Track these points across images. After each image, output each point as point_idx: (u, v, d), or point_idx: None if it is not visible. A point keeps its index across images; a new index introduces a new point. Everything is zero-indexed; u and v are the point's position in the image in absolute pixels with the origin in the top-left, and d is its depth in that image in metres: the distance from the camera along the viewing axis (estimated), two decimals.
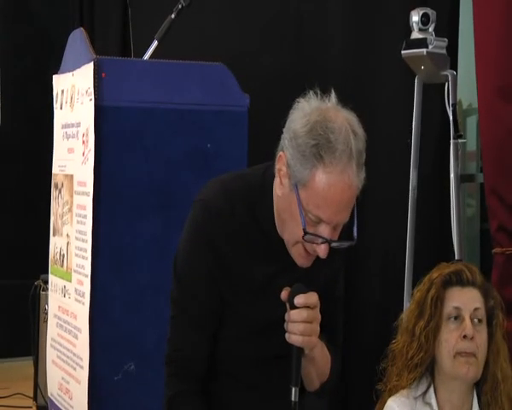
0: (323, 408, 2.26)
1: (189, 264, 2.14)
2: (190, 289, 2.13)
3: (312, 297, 2.02)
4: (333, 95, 2.00)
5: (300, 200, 1.94)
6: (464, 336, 2.17)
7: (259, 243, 2.08)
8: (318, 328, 2.04)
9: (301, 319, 2.00)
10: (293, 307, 2.02)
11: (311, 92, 2.01)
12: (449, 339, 2.20)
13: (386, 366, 2.36)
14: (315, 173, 1.92)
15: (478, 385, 2.26)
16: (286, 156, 1.98)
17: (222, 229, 2.07)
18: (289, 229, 2.02)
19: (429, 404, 2.22)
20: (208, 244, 2.08)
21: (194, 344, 2.13)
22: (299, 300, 2.00)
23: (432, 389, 2.24)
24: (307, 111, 1.98)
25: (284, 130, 2.02)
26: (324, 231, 1.95)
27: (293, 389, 2.02)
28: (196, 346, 2.13)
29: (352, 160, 1.92)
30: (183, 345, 2.15)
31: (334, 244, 1.98)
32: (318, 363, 2.12)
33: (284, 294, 2.05)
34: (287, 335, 2.02)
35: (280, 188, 2.02)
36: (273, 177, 2.07)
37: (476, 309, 2.22)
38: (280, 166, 2.01)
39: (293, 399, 2.02)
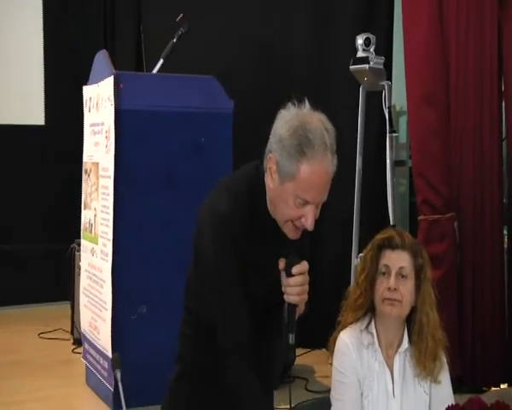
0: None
1: (222, 260, 1.94)
2: (230, 279, 1.94)
3: (304, 265, 1.93)
4: (306, 102, 1.94)
5: (290, 189, 1.88)
6: (389, 288, 2.16)
7: (258, 228, 1.99)
8: (308, 287, 1.97)
9: (297, 284, 1.92)
10: (290, 274, 1.92)
11: (290, 103, 1.94)
12: (379, 289, 2.19)
13: (341, 305, 2.33)
14: (300, 166, 1.86)
15: (409, 326, 2.24)
16: (274, 156, 1.91)
17: (236, 226, 1.95)
18: (280, 211, 1.93)
19: (371, 333, 2.20)
20: (232, 239, 1.93)
21: (246, 322, 1.94)
22: (295, 269, 1.91)
23: (373, 323, 2.22)
24: (288, 118, 1.91)
25: (271, 136, 1.93)
26: (310, 210, 1.90)
27: (291, 336, 1.92)
28: (247, 323, 1.94)
29: (327, 151, 1.87)
30: (242, 329, 1.95)
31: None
32: (299, 309, 2.04)
33: (281, 264, 1.93)
34: (285, 296, 1.91)
35: (271, 182, 1.93)
36: (263, 174, 1.99)
37: (401, 267, 2.19)
38: (270, 164, 1.93)
39: (290, 342, 1.93)
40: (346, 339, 2.21)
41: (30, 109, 7.03)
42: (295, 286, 1.92)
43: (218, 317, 1.97)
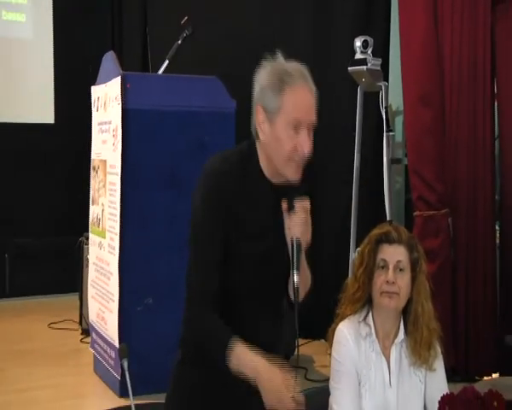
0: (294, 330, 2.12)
1: (207, 214, 1.94)
2: (209, 234, 1.94)
3: (306, 201, 1.91)
4: (279, 54, 1.95)
5: (281, 121, 1.88)
6: (387, 281, 2.16)
7: (251, 191, 1.97)
8: (310, 227, 1.92)
9: (300, 220, 1.88)
10: (293, 212, 1.88)
11: (264, 60, 1.95)
12: (377, 282, 2.18)
13: (339, 297, 2.32)
14: (283, 95, 1.88)
15: (405, 317, 2.24)
16: (260, 104, 1.92)
17: (227, 186, 1.94)
18: (278, 154, 1.91)
19: (369, 325, 2.20)
20: (220, 197, 1.93)
21: (214, 278, 1.92)
22: (298, 204, 1.88)
23: (370, 315, 2.21)
24: (266, 68, 1.94)
25: (254, 90, 1.95)
26: (304, 136, 1.88)
27: (296, 274, 1.85)
28: (216, 280, 1.92)
29: (307, 76, 1.92)
30: (208, 280, 1.93)
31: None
32: (304, 273, 2.00)
33: (284, 205, 1.90)
34: (288, 232, 1.88)
35: (262, 132, 1.92)
36: (254, 141, 1.98)
37: (399, 261, 2.19)
38: (257, 116, 1.92)
39: (296, 281, 1.85)
40: (345, 330, 2.21)
41: (40, 108, 7.03)
42: (298, 223, 1.89)
43: (190, 263, 1.95)
